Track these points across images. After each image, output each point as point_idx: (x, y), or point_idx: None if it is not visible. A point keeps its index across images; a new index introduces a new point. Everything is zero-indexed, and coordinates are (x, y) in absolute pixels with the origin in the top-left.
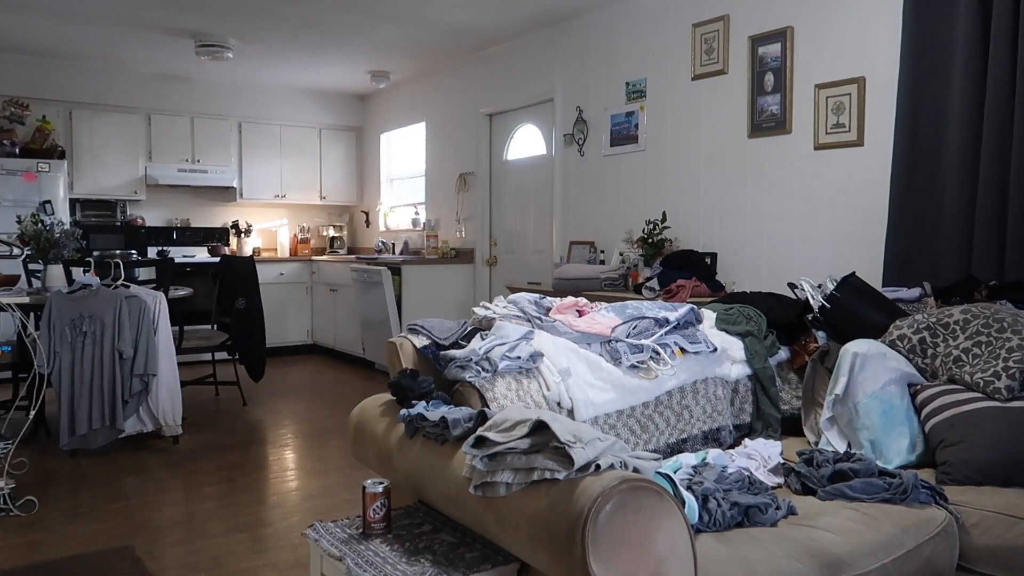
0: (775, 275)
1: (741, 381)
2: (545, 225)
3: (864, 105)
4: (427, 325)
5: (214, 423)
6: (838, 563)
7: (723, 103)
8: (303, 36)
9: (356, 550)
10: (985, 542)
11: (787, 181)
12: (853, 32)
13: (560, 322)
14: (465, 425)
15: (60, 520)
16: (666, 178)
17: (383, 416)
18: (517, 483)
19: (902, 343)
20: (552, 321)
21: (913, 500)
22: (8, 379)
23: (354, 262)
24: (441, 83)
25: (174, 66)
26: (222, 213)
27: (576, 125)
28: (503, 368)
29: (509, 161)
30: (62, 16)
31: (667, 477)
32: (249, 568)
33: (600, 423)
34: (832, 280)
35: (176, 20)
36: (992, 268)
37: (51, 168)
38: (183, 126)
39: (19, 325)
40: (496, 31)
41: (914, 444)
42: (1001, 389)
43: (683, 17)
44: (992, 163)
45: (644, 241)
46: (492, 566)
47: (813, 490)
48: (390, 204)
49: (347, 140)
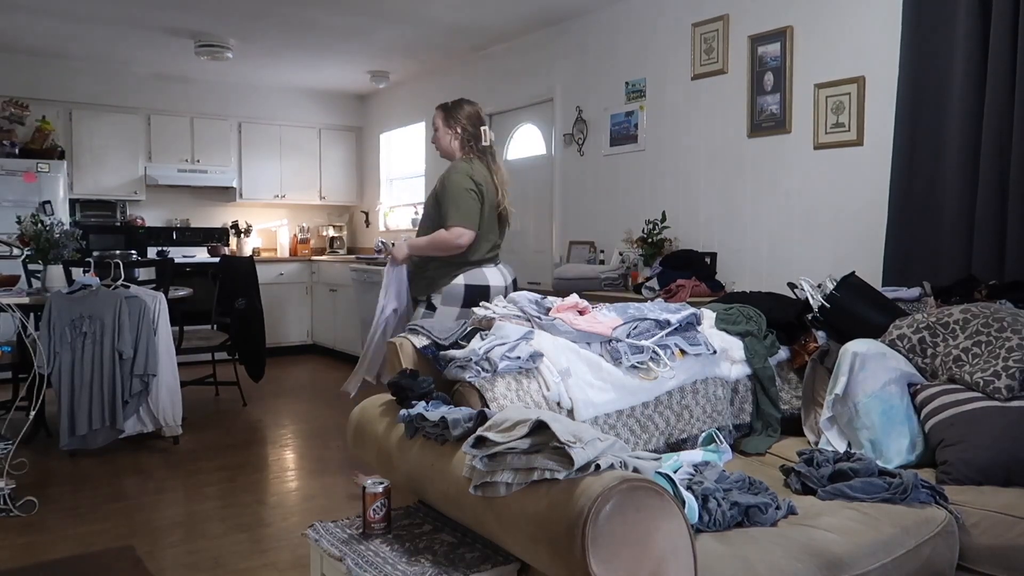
0: (775, 275)
1: (741, 381)
2: (545, 225)
3: (864, 105)
4: (427, 325)
5: (214, 423)
6: (838, 563)
7: (723, 103)
8: (303, 36)
9: (356, 550)
10: (985, 542)
11: (787, 181)
12: (853, 32)
13: (560, 320)
14: (465, 425)
15: (60, 520)
16: (666, 178)
17: (383, 416)
18: (517, 483)
19: (902, 343)
20: (552, 320)
21: (913, 500)
22: (8, 379)
23: (354, 262)
24: (441, 83)
25: (174, 66)
26: (222, 213)
27: (576, 125)
28: (503, 368)
29: (509, 161)
30: (62, 16)
31: (667, 477)
32: (249, 568)
33: (600, 423)
34: (832, 280)
35: (176, 20)
36: (992, 268)
37: (51, 168)
38: (183, 126)
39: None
40: (496, 31)
41: (914, 444)
42: (1001, 389)
43: (683, 17)
44: (992, 163)
45: (644, 241)
46: (492, 566)
47: (813, 490)
48: (390, 204)
49: (347, 140)
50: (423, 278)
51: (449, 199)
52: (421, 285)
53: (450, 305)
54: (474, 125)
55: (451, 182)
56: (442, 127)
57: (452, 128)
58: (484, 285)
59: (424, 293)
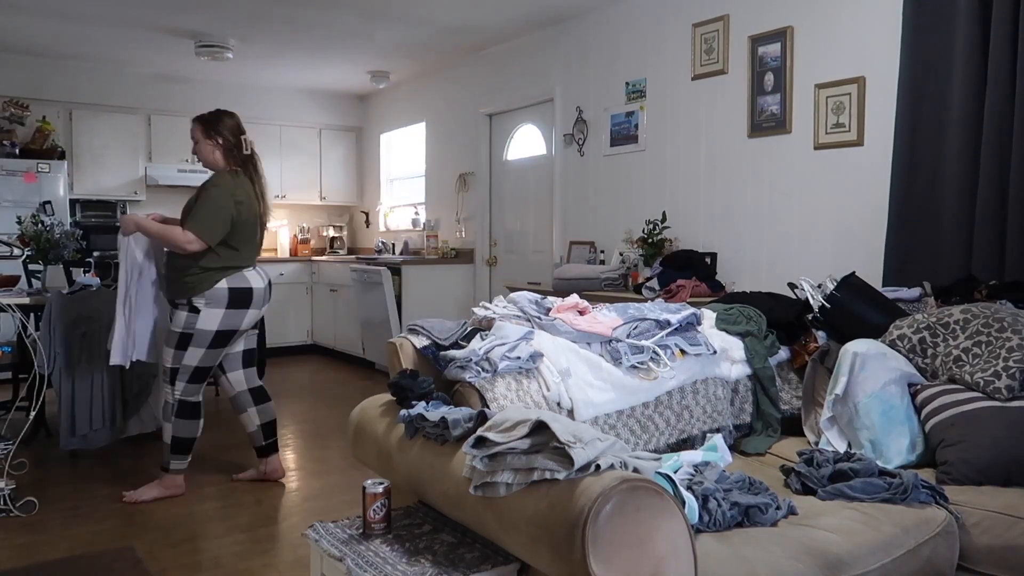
0: (775, 275)
1: (741, 381)
2: (545, 225)
3: (864, 105)
4: (427, 325)
5: (214, 423)
6: (838, 563)
7: (723, 103)
8: (303, 36)
9: (356, 550)
10: (985, 542)
11: (787, 181)
12: (853, 32)
13: (561, 320)
14: (465, 425)
15: (60, 520)
16: (666, 178)
17: (383, 416)
18: (517, 483)
19: (902, 343)
20: (552, 320)
21: (913, 500)
22: (8, 379)
23: (354, 262)
24: (441, 83)
25: (174, 66)
26: None
27: (576, 125)
28: (503, 368)
29: (509, 161)
30: (63, 16)
31: (667, 477)
32: (249, 568)
33: (600, 423)
34: (832, 280)
35: (176, 20)
36: (992, 268)
37: (51, 168)
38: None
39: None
40: (496, 31)
41: (914, 444)
42: (1001, 389)
43: (683, 17)
44: (992, 163)
45: (644, 241)
46: (492, 566)
47: (813, 490)
48: (390, 204)
49: (347, 140)
50: (182, 283)
51: (201, 205)
52: (180, 288)
53: (215, 307)
54: (235, 135)
55: (211, 195)
56: (202, 139)
57: (213, 139)
58: (247, 287)
59: (184, 296)
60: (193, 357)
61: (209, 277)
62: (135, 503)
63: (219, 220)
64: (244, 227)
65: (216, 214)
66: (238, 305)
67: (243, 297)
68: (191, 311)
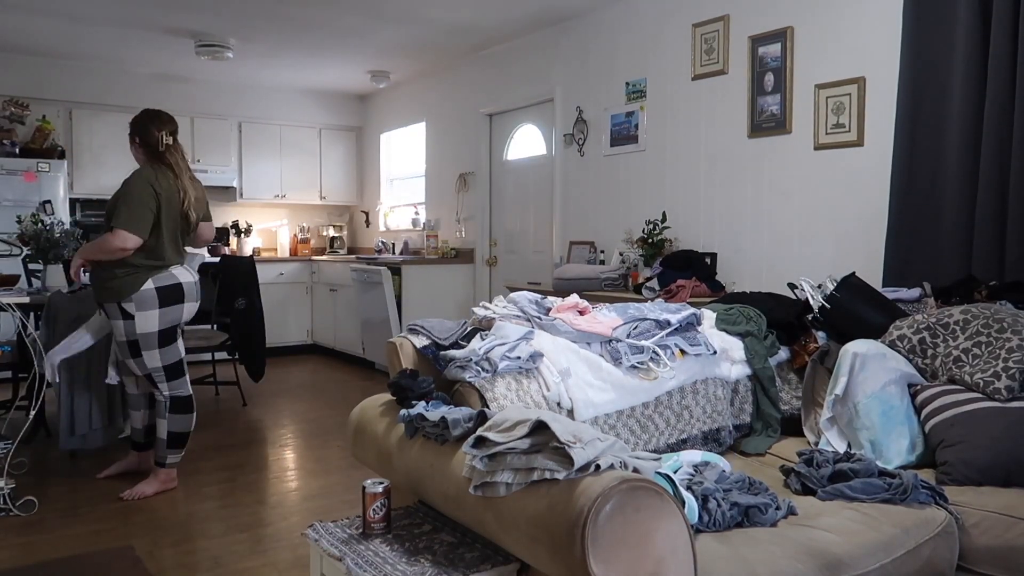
0: (775, 275)
1: (741, 381)
2: (545, 225)
3: (864, 105)
4: (427, 325)
5: (214, 423)
6: (838, 563)
7: (723, 103)
8: (303, 36)
9: (356, 550)
10: (985, 542)
11: (787, 181)
12: (853, 32)
13: (561, 320)
14: (465, 425)
15: (60, 520)
16: (666, 178)
17: (383, 416)
18: (517, 483)
19: (902, 343)
20: (552, 320)
21: (913, 500)
22: (8, 379)
23: (354, 262)
24: (441, 83)
25: (174, 66)
26: (222, 213)
27: (576, 125)
28: (503, 368)
29: (509, 161)
30: (63, 16)
31: (667, 477)
32: (249, 568)
33: (600, 423)
34: (832, 280)
35: (176, 20)
36: (992, 268)
37: (51, 168)
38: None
39: (19, 325)
40: (496, 31)
41: (914, 444)
42: (1001, 389)
43: (683, 17)
44: (992, 163)
45: (644, 241)
46: (492, 566)
47: (813, 490)
48: (390, 204)
49: (347, 140)
50: (107, 287)
51: (122, 202)
52: (106, 291)
53: (147, 309)
54: (150, 134)
55: (129, 187)
56: (129, 142)
57: (133, 141)
58: (176, 283)
59: (111, 300)
60: (153, 359)
61: (136, 279)
62: (136, 499)
63: (145, 210)
64: (168, 219)
65: (140, 205)
66: (171, 301)
67: (174, 293)
68: (125, 318)
